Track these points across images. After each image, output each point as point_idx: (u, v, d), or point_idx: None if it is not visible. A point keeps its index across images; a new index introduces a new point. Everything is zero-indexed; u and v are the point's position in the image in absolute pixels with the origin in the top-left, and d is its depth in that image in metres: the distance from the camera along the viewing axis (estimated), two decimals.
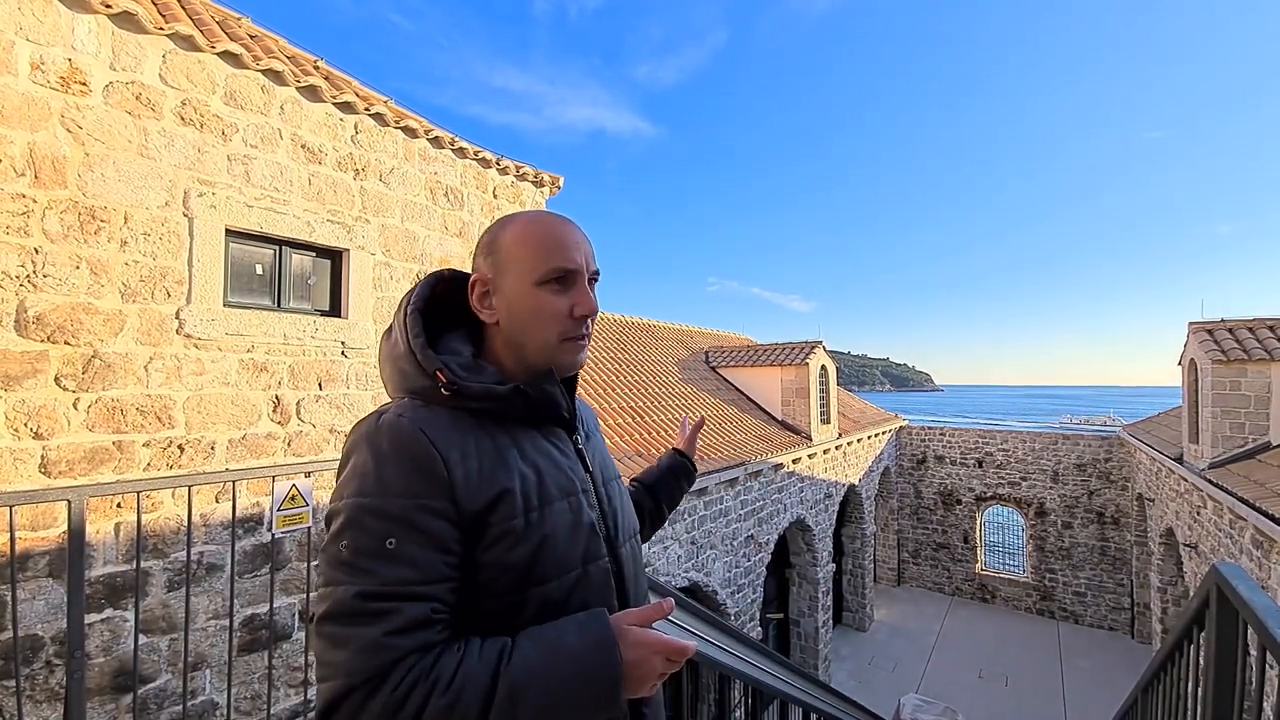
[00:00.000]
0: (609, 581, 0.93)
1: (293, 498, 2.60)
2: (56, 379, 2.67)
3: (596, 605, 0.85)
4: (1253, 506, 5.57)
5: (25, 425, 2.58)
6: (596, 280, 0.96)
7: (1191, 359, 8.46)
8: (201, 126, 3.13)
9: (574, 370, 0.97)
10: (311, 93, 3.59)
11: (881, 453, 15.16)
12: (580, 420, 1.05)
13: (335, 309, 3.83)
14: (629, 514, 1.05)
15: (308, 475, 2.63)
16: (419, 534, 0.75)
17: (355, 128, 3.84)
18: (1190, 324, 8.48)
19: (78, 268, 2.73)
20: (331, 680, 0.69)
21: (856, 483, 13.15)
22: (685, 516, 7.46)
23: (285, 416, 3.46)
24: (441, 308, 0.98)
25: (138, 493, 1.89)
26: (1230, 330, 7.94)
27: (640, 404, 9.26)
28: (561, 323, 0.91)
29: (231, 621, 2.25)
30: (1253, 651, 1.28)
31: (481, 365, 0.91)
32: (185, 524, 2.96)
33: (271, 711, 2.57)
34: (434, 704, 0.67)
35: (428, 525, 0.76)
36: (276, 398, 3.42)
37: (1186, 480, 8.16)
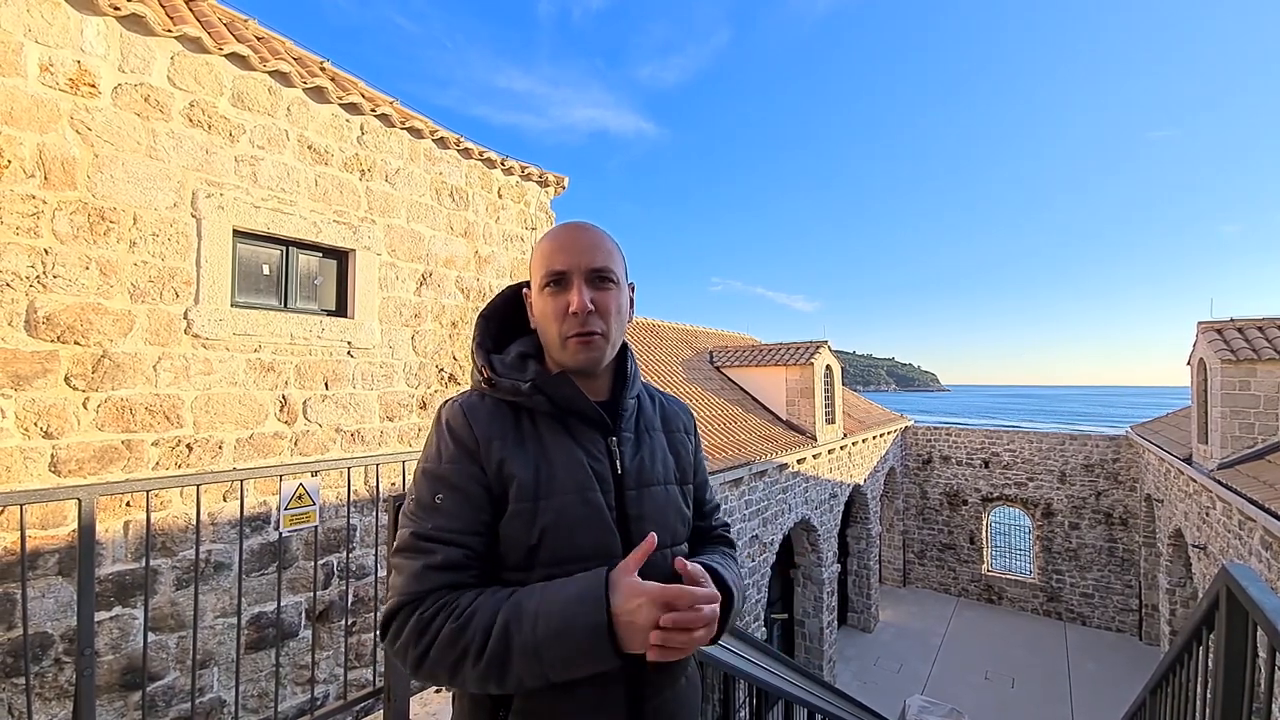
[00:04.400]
0: None
1: (300, 497, 2.61)
2: (66, 378, 2.69)
3: None
4: (1262, 508, 5.53)
5: (35, 424, 2.60)
6: (606, 277, 0.99)
7: (1201, 359, 8.40)
8: (209, 128, 3.15)
9: (585, 368, 1.00)
10: (318, 94, 3.61)
11: (887, 453, 15.10)
12: (635, 420, 1.08)
13: (341, 309, 3.85)
14: (659, 522, 1.02)
15: (314, 474, 2.64)
16: (460, 493, 0.92)
17: (361, 129, 3.86)
18: (1199, 323, 8.42)
19: (87, 268, 2.75)
20: (391, 599, 0.89)
21: (862, 483, 13.11)
22: None
23: (292, 416, 3.48)
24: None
25: (147, 491, 1.90)
26: (1240, 330, 7.87)
27: None
28: (560, 322, 0.97)
29: (239, 620, 2.26)
30: (1262, 654, 1.27)
31: (526, 365, 1.02)
32: (193, 523, 2.98)
33: (279, 709, 2.58)
34: (447, 627, 0.83)
35: (466, 487, 0.92)
36: (283, 397, 3.44)
37: (1195, 481, 8.10)
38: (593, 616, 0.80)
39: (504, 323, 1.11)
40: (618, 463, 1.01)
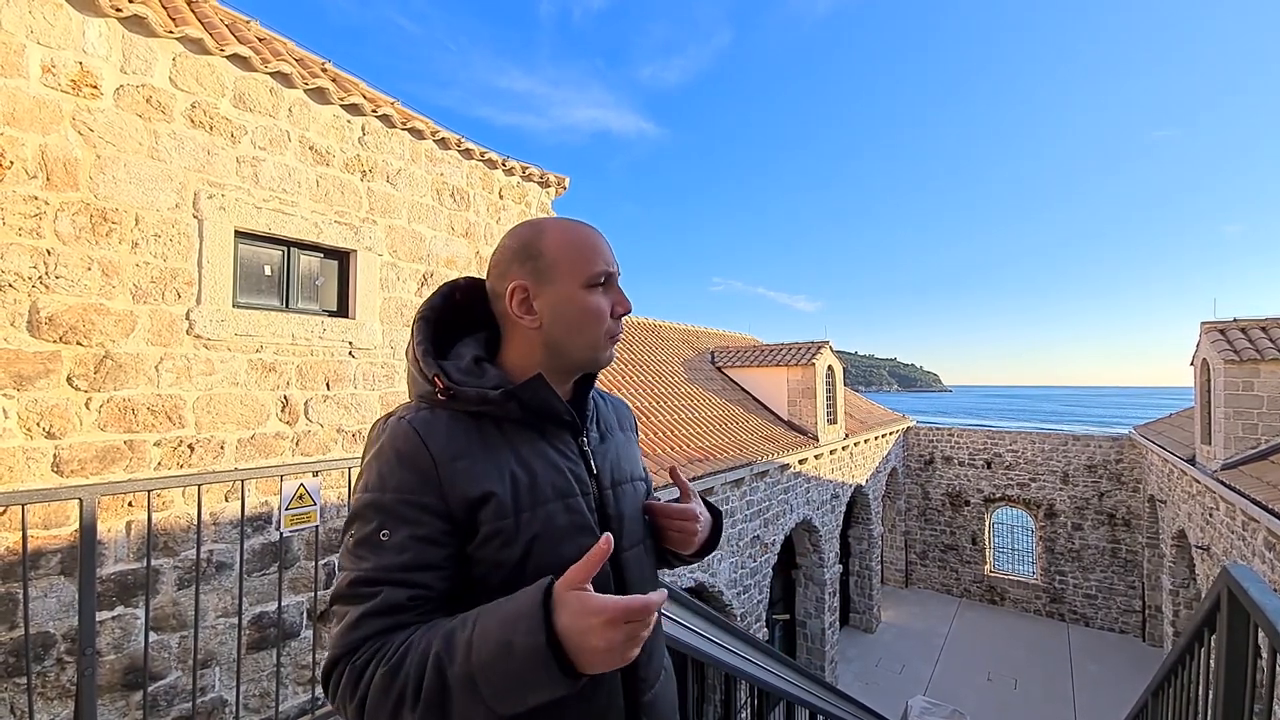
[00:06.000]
0: (608, 585, 0.92)
1: (300, 497, 2.62)
2: (69, 379, 2.70)
3: None
4: (1265, 508, 5.51)
5: (38, 425, 2.61)
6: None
7: (1204, 359, 8.37)
8: (211, 129, 3.16)
9: (608, 365, 1.02)
10: (319, 95, 3.61)
11: (889, 453, 15.08)
12: (596, 421, 1.07)
13: (343, 309, 3.85)
14: (636, 520, 1.03)
15: (315, 475, 2.65)
16: (409, 526, 0.81)
17: (363, 129, 3.86)
18: (1203, 323, 8.39)
19: (89, 269, 2.76)
20: (328, 653, 0.78)
21: (863, 483, 13.09)
22: None
23: (293, 416, 3.49)
24: (464, 313, 1.02)
25: (149, 491, 1.91)
26: (1243, 330, 7.85)
27: (646, 404, 9.26)
28: (605, 321, 0.96)
29: (240, 619, 2.26)
30: (1263, 654, 1.27)
31: (484, 369, 0.93)
32: (195, 522, 2.98)
33: (280, 709, 2.59)
34: (380, 672, 0.72)
35: (417, 519, 0.82)
36: (285, 398, 3.45)
37: (1199, 482, 8.07)
38: (530, 638, 0.68)
39: (439, 324, 1.00)
40: (592, 463, 0.99)
